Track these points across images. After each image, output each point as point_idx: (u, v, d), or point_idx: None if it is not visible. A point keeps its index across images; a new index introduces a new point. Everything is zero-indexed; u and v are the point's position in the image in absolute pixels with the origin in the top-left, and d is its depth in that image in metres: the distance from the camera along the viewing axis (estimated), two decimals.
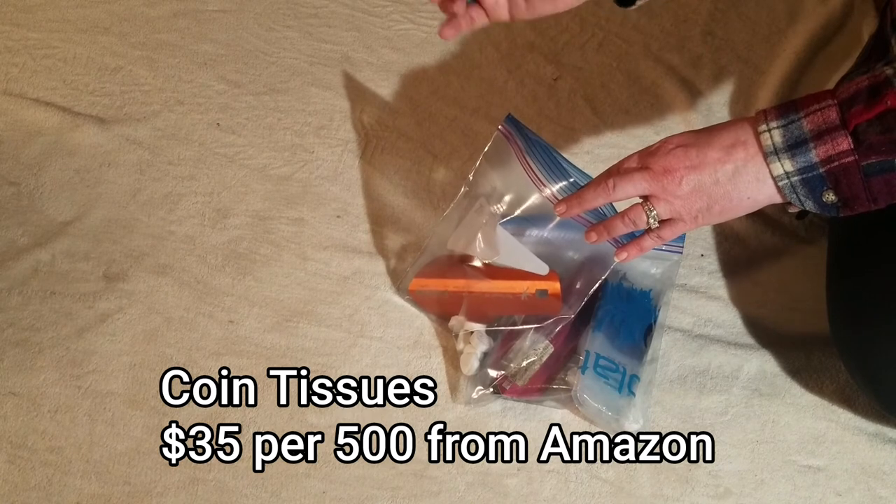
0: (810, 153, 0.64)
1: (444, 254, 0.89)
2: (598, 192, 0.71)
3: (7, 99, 1.08)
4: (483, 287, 0.86)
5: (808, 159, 0.65)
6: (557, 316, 0.84)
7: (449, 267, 0.88)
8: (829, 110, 0.64)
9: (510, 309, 0.86)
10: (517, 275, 0.85)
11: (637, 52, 1.14)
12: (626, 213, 0.70)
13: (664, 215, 0.69)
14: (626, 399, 0.82)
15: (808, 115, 0.65)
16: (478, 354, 0.85)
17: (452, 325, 0.89)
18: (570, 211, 0.73)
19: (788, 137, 0.65)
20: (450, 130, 1.07)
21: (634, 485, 0.82)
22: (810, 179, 0.65)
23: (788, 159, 0.65)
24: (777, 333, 0.91)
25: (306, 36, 1.17)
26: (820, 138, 0.64)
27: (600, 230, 0.73)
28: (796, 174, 0.65)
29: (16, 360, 0.88)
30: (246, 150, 1.05)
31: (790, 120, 0.65)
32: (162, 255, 0.96)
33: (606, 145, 1.06)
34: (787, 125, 0.65)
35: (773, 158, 0.65)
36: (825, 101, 0.65)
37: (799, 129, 0.65)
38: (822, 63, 1.12)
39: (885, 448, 0.84)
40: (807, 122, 0.65)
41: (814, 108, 0.65)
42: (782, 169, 0.65)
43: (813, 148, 0.64)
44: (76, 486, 0.81)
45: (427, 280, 0.88)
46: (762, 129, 0.66)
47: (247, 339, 0.90)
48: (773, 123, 0.66)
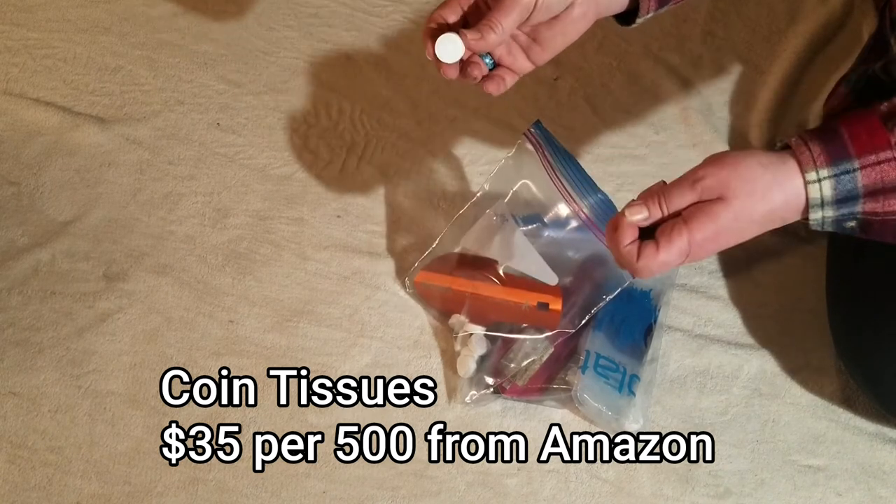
0: (857, 206, 0.61)
1: (454, 252, 0.90)
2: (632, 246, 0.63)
3: (7, 99, 1.08)
4: (487, 291, 0.86)
5: (852, 210, 0.61)
6: (554, 331, 0.84)
7: (457, 266, 0.88)
8: (888, 167, 0.60)
9: (510, 317, 0.86)
10: (523, 284, 0.85)
11: (637, 52, 1.14)
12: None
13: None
14: (626, 399, 0.82)
15: (864, 168, 0.60)
16: (475, 357, 0.85)
17: (453, 324, 0.89)
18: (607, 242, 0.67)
19: (840, 191, 0.60)
20: (450, 130, 1.07)
21: (634, 485, 0.82)
22: (843, 220, 0.62)
23: (833, 210, 0.61)
24: (777, 333, 0.91)
25: (306, 36, 1.17)
26: (873, 196, 0.60)
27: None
28: (832, 219, 0.62)
29: (16, 360, 0.88)
30: (246, 150, 1.05)
31: (844, 170, 0.60)
32: (162, 254, 0.96)
33: (606, 145, 1.06)
34: (838, 175, 0.60)
35: (816, 210, 0.61)
36: (884, 153, 0.60)
37: (852, 182, 0.60)
38: (822, 63, 1.12)
39: (885, 448, 0.84)
40: (863, 175, 0.60)
41: (871, 159, 0.60)
42: (821, 215, 0.62)
43: (862, 203, 0.61)
44: (76, 486, 0.81)
45: (434, 275, 0.88)
46: (811, 179, 0.61)
47: (247, 339, 0.90)
48: (823, 171, 0.60)
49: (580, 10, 0.67)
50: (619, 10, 0.71)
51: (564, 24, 0.68)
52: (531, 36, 0.69)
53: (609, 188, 1.03)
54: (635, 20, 0.72)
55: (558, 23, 0.68)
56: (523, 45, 0.70)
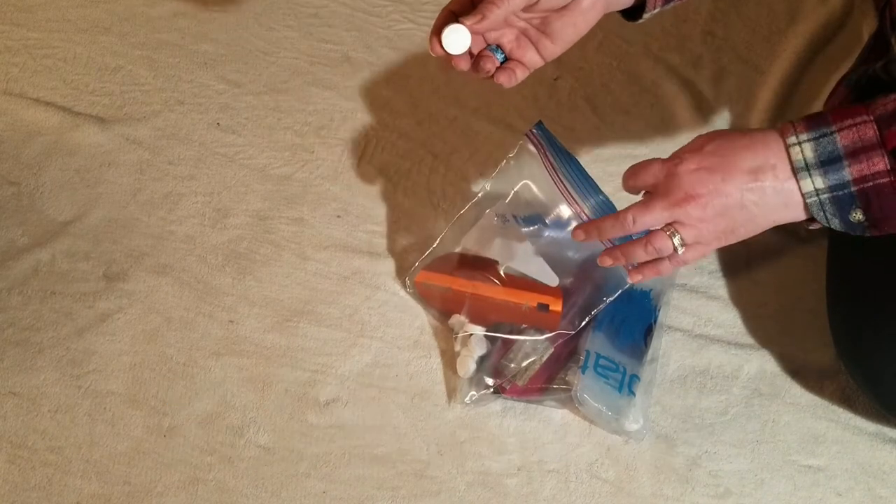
0: (843, 171, 0.62)
1: (455, 252, 0.90)
2: (616, 225, 0.68)
3: (7, 99, 1.08)
4: (487, 291, 0.86)
5: (841, 177, 0.62)
6: (554, 332, 0.84)
7: (458, 266, 0.88)
8: (866, 127, 0.61)
9: (510, 317, 0.86)
10: (523, 285, 0.85)
11: (637, 52, 1.14)
12: (649, 241, 0.67)
13: (689, 240, 0.66)
14: (626, 399, 0.82)
15: (841, 130, 0.62)
16: (474, 357, 0.85)
17: (453, 324, 0.89)
18: (588, 239, 0.71)
19: (821, 153, 0.62)
20: (450, 130, 1.07)
21: (634, 485, 0.82)
22: (841, 198, 0.63)
23: (820, 176, 0.62)
24: (777, 333, 0.91)
25: (306, 36, 1.17)
26: (854, 156, 0.61)
27: (617, 256, 0.70)
28: (826, 191, 0.63)
29: (16, 360, 0.88)
30: (246, 150, 1.05)
31: (822, 133, 0.62)
32: (162, 254, 0.96)
33: (606, 145, 1.06)
34: (818, 138, 0.62)
35: (803, 174, 0.63)
36: (860, 117, 0.62)
37: (832, 143, 0.62)
38: (822, 63, 1.12)
39: (885, 448, 0.84)
40: (840, 136, 0.62)
41: (848, 122, 0.62)
42: (812, 186, 0.63)
43: (847, 166, 0.61)
44: (76, 486, 0.81)
45: (434, 275, 0.88)
46: (792, 142, 0.63)
47: (247, 339, 0.90)
48: (802, 136, 0.63)
49: (589, 1, 0.67)
50: (627, 3, 0.71)
51: (574, 15, 0.67)
52: (541, 29, 0.69)
53: (609, 188, 1.02)
54: (642, 16, 0.72)
55: (568, 13, 0.67)
56: (533, 39, 0.70)
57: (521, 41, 0.70)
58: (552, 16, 0.68)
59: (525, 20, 0.69)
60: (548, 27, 0.69)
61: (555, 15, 0.68)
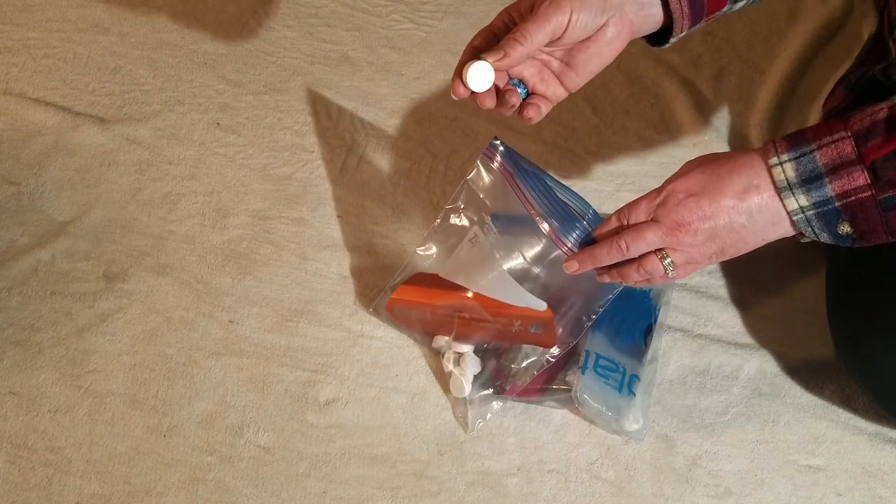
0: (825, 188, 0.62)
1: (429, 273, 0.85)
2: (611, 252, 0.68)
3: (7, 99, 1.08)
4: (474, 314, 0.82)
5: (823, 194, 0.63)
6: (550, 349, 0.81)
7: (435, 287, 0.83)
8: (844, 143, 0.62)
9: (501, 339, 0.85)
10: (512, 309, 0.81)
11: (637, 52, 1.14)
12: (641, 264, 0.68)
13: (679, 263, 0.67)
14: (626, 399, 0.82)
15: (820, 148, 0.63)
16: (468, 377, 0.85)
17: (437, 346, 0.88)
18: (583, 268, 0.71)
19: (802, 171, 0.63)
20: (450, 130, 1.07)
21: (634, 485, 0.82)
22: (826, 213, 0.63)
23: (803, 194, 0.63)
24: (777, 333, 0.91)
25: (306, 36, 1.17)
26: (835, 173, 0.62)
27: (613, 275, 0.71)
28: (811, 208, 0.63)
29: (16, 360, 0.88)
30: (246, 150, 1.05)
31: (802, 152, 0.63)
32: (162, 254, 0.96)
33: (606, 145, 1.06)
34: (798, 157, 0.63)
35: (787, 194, 0.63)
36: (838, 133, 0.62)
37: (812, 162, 0.63)
38: (822, 63, 1.12)
39: (885, 448, 0.84)
40: (820, 154, 0.62)
41: (826, 140, 0.63)
42: (797, 204, 0.63)
43: (828, 183, 0.62)
44: (76, 486, 0.81)
45: (409, 298, 0.84)
46: (773, 163, 0.64)
47: (247, 339, 0.90)
48: (784, 156, 0.63)
49: (614, 30, 0.66)
50: (652, 29, 0.69)
51: (599, 46, 0.66)
52: (564, 61, 0.68)
53: (609, 188, 1.03)
54: (668, 40, 0.70)
55: (593, 44, 0.66)
56: (556, 72, 0.69)
57: (544, 74, 0.69)
58: (576, 47, 0.67)
59: (548, 53, 0.68)
60: (572, 59, 0.68)
61: (579, 46, 0.67)
